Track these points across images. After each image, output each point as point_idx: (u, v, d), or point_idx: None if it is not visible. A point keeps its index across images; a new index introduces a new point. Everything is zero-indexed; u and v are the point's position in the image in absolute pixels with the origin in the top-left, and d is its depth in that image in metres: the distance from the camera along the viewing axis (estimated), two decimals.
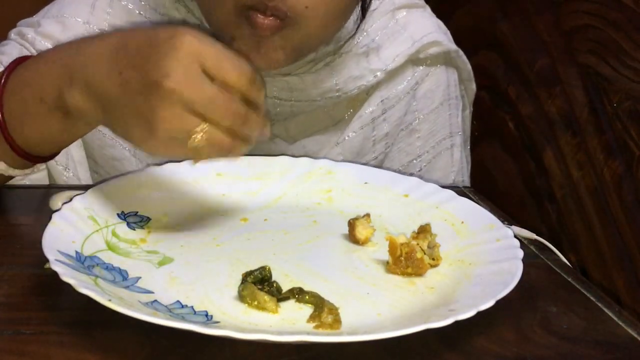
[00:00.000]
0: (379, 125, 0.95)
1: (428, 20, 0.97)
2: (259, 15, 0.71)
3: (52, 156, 0.74)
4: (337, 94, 0.89)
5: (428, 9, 0.99)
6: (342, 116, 0.93)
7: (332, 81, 0.89)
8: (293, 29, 0.73)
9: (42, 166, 0.81)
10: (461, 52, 0.98)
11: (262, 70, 0.75)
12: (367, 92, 0.93)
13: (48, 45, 0.85)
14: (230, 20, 0.73)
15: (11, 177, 0.75)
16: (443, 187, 0.79)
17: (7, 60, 0.81)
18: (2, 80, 0.68)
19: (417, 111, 0.96)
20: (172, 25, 0.62)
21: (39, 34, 0.86)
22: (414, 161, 0.97)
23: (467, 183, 1.04)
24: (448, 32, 0.99)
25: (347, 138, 0.94)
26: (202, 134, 0.57)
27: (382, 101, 0.94)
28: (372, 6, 0.91)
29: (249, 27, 0.72)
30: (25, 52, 0.84)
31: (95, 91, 0.62)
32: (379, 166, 0.95)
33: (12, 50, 0.86)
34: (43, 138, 0.69)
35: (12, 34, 0.88)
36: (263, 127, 0.61)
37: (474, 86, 1.03)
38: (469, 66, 1.01)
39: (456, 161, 1.00)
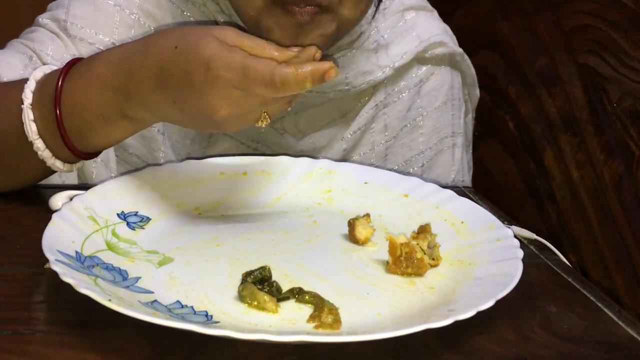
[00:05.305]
0: (379, 118, 0.97)
1: (435, 23, 1.00)
2: (294, 6, 0.74)
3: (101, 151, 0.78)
4: (346, 87, 0.92)
5: (436, 12, 1.01)
6: (350, 109, 0.96)
7: (343, 75, 0.91)
8: (329, 14, 0.75)
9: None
10: (466, 57, 1.00)
11: None
12: (374, 87, 0.95)
13: (82, 29, 0.85)
14: (266, 11, 0.75)
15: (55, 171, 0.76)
16: (443, 187, 0.79)
17: (41, 48, 0.84)
18: (57, 90, 0.70)
19: (421, 108, 0.98)
20: (201, 35, 0.65)
21: (70, 17, 0.86)
22: (417, 156, 0.99)
23: (468, 184, 1.04)
24: (454, 37, 1.01)
25: (351, 134, 0.96)
26: (263, 120, 0.68)
27: (385, 97, 0.96)
28: (384, 5, 0.94)
29: (285, 15, 0.74)
30: (58, 41, 0.85)
31: (155, 113, 0.69)
32: (377, 158, 0.98)
33: (44, 37, 0.86)
34: (109, 143, 0.74)
35: (43, 18, 0.88)
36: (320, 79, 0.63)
37: (477, 92, 1.05)
38: (473, 71, 1.02)
39: (457, 160, 1.01)
